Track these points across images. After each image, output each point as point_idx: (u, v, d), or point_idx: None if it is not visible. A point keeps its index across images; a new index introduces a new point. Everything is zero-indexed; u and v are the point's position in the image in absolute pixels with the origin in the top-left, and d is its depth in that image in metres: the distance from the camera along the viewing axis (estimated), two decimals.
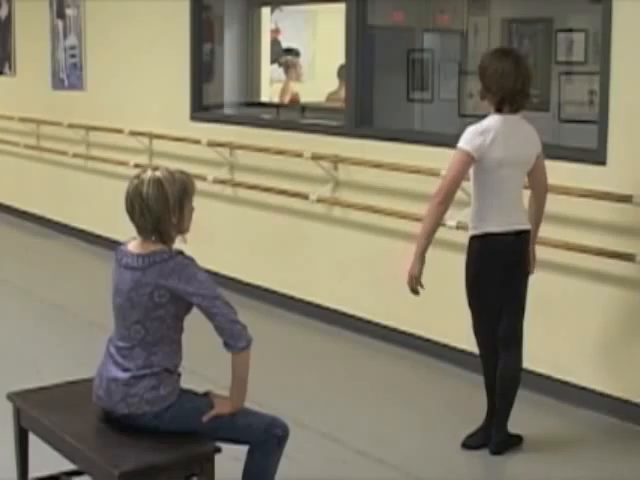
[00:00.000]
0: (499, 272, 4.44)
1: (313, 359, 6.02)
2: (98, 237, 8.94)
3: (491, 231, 4.39)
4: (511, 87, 4.33)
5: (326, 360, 6.00)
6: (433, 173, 5.56)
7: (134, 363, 3.37)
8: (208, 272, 3.53)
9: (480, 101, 4.54)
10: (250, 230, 7.31)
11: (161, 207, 3.36)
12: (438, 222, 4.43)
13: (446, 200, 4.36)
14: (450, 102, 6.78)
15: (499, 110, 4.38)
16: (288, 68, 9.94)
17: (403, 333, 6.08)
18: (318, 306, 6.68)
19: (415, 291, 4.48)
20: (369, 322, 6.32)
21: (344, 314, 6.49)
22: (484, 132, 4.32)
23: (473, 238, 4.46)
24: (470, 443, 4.62)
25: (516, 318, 4.52)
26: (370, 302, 6.33)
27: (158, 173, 3.40)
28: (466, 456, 4.58)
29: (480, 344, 4.61)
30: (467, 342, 5.12)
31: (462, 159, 4.34)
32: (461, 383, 5.50)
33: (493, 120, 4.37)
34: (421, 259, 4.42)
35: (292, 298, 6.90)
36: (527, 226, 4.49)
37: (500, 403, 4.54)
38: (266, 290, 7.12)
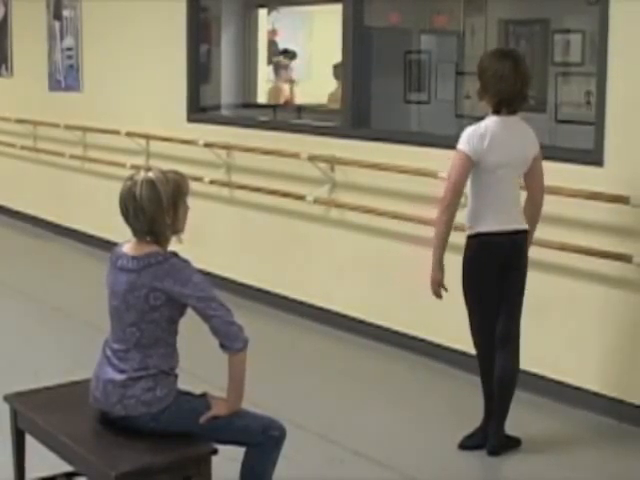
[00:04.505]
0: (496, 272, 4.44)
1: (310, 360, 6.02)
2: (95, 238, 8.94)
3: (488, 231, 4.40)
4: (510, 89, 4.33)
5: (323, 361, 6.00)
6: (430, 174, 5.56)
7: (130, 365, 3.37)
8: (205, 273, 3.53)
9: (478, 101, 4.55)
10: (247, 231, 7.32)
11: (155, 208, 3.36)
12: (448, 229, 4.42)
13: (450, 206, 4.37)
14: (447, 103, 6.78)
15: (497, 111, 4.38)
16: (279, 69, 9.90)
17: (399, 334, 6.08)
18: (315, 307, 6.68)
19: (439, 295, 4.51)
20: (366, 323, 6.32)
21: (341, 315, 6.49)
22: (480, 134, 4.32)
23: (470, 238, 4.47)
24: (467, 444, 4.63)
25: (513, 318, 4.52)
26: (367, 303, 6.33)
27: (151, 174, 3.40)
28: (463, 457, 4.58)
29: (477, 344, 4.61)
30: (463, 342, 5.12)
31: (462, 161, 4.34)
32: (457, 384, 5.50)
33: (491, 121, 4.37)
34: (440, 267, 4.45)
35: (289, 299, 6.90)
36: (524, 226, 4.49)
37: (497, 404, 4.53)
38: (263, 291, 7.12)
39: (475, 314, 4.55)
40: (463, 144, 4.34)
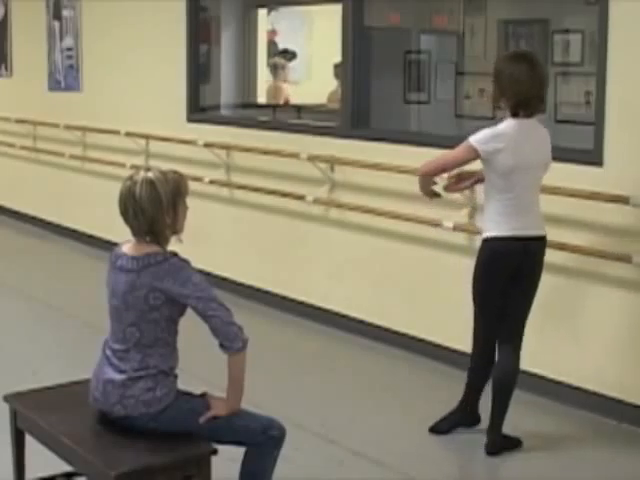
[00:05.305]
0: (505, 277, 4.44)
1: (309, 360, 6.02)
2: (94, 238, 8.94)
3: (500, 236, 4.39)
4: (526, 92, 4.31)
5: (322, 361, 6.00)
6: None
7: (130, 365, 3.37)
8: (205, 273, 3.53)
9: (495, 105, 4.56)
10: (247, 231, 7.31)
11: (155, 208, 3.36)
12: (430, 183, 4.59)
13: (430, 174, 4.51)
14: (447, 103, 6.78)
15: (515, 114, 4.36)
16: (276, 70, 9.92)
17: (399, 334, 6.08)
18: (314, 307, 6.68)
19: (430, 194, 4.62)
20: (365, 323, 6.32)
21: (341, 315, 6.49)
22: (497, 137, 4.31)
23: (484, 241, 4.47)
24: (440, 428, 4.72)
25: (519, 321, 4.54)
26: (366, 303, 6.33)
27: (150, 174, 3.40)
28: (463, 457, 4.59)
29: (477, 341, 4.63)
30: (463, 342, 5.12)
31: (467, 152, 4.36)
32: (457, 384, 5.47)
33: (508, 125, 4.35)
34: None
35: (288, 299, 6.90)
36: (540, 232, 4.47)
37: (496, 403, 4.54)
38: (262, 291, 7.12)
39: (480, 315, 4.57)
40: (476, 141, 4.33)
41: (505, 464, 4.52)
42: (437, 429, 4.76)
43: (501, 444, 4.56)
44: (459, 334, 4.99)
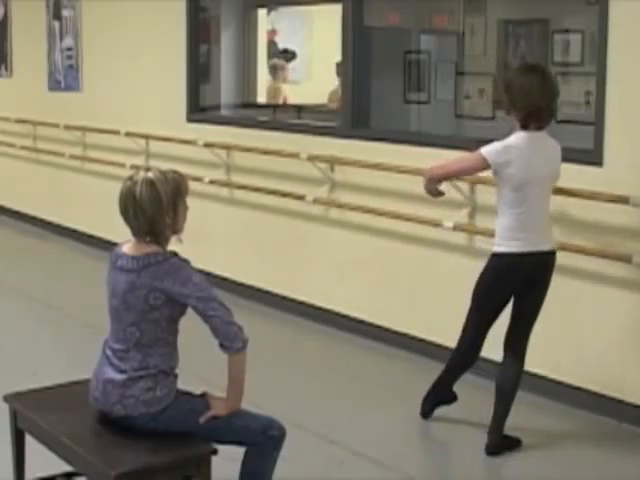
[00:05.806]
0: (513, 288, 4.46)
1: (310, 360, 6.02)
2: (94, 238, 8.94)
3: (513, 251, 4.38)
4: (537, 103, 4.31)
5: (322, 361, 6.00)
6: None
7: (130, 365, 3.37)
8: (205, 273, 3.53)
9: (506, 116, 4.56)
10: (246, 231, 7.31)
11: (155, 208, 3.36)
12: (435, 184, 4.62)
13: (438, 179, 4.56)
14: (447, 103, 6.78)
15: (525, 127, 4.35)
16: (275, 71, 9.94)
17: (399, 334, 6.08)
18: (314, 307, 6.68)
19: (434, 193, 4.64)
20: (366, 323, 6.32)
21: (341, 315, 6.49)
22: (507, 149, 4.31)
23: (495, 255, 4.45)
24: (424, 410, 4.85)
25: (524, 329, 4.55)
26: (366, 303, 6.33)
27: (150, 174, 3.40)
28: (463, 457, 4.58)
29: (464, 340, 4.66)
30: None
31: (477, 162, 4.37)
32: (457, 384, 5.48)
33: (519, 138, 4.34)
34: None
35: (288, 299, 6.90)
36: (551, 246, 4.47)
37: (499, 407, 4.55)
38: (262, 291, 7.12)
39: (477, 313, 4.57)
40: (487, 152, 4.32)
41: (505, 464, 4.52)
42: (423, 412, 4.89)
43: (501, 445, 4.56)
44: (459, 334, 4.99)
